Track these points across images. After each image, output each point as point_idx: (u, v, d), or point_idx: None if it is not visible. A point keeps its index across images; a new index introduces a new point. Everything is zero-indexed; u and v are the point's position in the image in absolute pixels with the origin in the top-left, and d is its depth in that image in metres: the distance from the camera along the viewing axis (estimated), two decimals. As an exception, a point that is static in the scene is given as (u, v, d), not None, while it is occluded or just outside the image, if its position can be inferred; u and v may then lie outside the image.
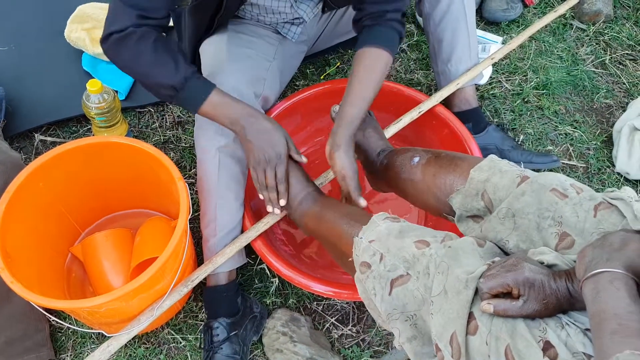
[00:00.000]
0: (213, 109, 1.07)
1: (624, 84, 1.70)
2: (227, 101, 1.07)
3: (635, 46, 1.77)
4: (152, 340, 1.27)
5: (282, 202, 1.11)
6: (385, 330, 1.27)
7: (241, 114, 1.07)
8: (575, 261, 0.70)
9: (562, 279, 0.69)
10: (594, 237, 0.74)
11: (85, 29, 1.63)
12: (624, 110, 1.61)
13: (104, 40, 1.05)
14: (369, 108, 1.12)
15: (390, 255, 0.82)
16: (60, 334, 1.28)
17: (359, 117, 1.08)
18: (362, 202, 1.07)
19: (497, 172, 0.88)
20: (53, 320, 1.23)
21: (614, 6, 1.85)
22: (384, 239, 0.85)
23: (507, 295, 0.71)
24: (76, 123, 1.59)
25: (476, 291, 0.72)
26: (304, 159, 1.10)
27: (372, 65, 1.10)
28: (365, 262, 0.85)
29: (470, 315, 0.71)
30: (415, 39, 1.78)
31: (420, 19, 1.65)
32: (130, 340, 1.21)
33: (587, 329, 0.66)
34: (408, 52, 1.75)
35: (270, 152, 1.07)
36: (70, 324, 1.25)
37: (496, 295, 0.71)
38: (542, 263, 0.73)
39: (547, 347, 0.65)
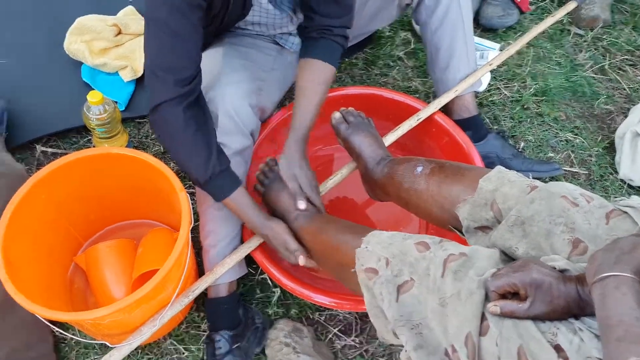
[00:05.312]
0: (230, 207, 1.15)
1: (624, 89, 1.70)
2: (241, 205, 1.13)
3: (634, 51, 1.78)
4: (154, 351, 1.27)
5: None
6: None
7: (249, 221, 1.15)
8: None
9: (572, 283, 0.69)
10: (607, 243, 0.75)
11: (84, 40, 1.63)
12: (626, 116, 1.61)
13: (151, 112, 1.07)
14: (317, 117, 1.19)
15: (395, 260, 0.82)
16: (63, 345, 1.28)
17: (307, 126, 1.17)
18: (300, 205, 1.14)
19: (506, 182, 0.88)
20: (57, 331, 1.23)
21: (612, 11, 1.86)
22: (387, 245, 0.85)
23: (515, 296, 0.71)
24: (76, 134, 1.59)
25: None
26: (301, 262, 1.12)
27: (319, 79, 1.18)
28: (371, 268, 0.85)
29: (483, 316, 0.71)
30: (412, 46, 1.79)
31: (417, 27, 1.65)
32: (133, 351, 1.21)
33: None
34: (405, 60, 1.76)
35: (282, 251, 1.15)
36: (73, 334, 1.25)
37: (504, 296, 0.71)
38: (554, 268, 0.73)
39: (557, 350, 0.65)
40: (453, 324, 0.72)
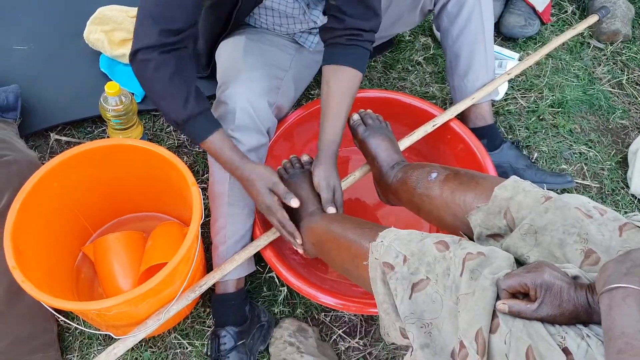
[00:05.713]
0: (210, 151, 1.13)
1: (641, 105, 1.69)
2: (222, 147, 1.11)
3: (653, 67, 1.76)
4: (158, 344, 1.27)
5: (298, 241, 1.14)
6: (393, 344, 1.26)
7: (230, 166, 1.12)
8: None
9: (583, 290, 0.69)
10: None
11: (104, 30, 1.64)
12: (640, 132, 1.60)
13: (131, 57, 1.06)
14: (345, 125, 1.19)
15: (413, 258, 0.82)
16: (67, 334, 1.28)
17: (339, 133, 1.17)
18: (330, 210, 1.13)
19: (520, 192, 0.88)
20: (61, 321, 1.23)
21: (633, 26, 1.84)
22: (406, 242, 0.85)
23: (526, 296, 0.71)
24: (91, 124, 1.60)
25: None
26: (294, 204, 1.11)
27: (347, 88, 1.17)
28: (387, 263, 0.85)
29: (494, 314, 0.71)
30: (431, 52, 1.78)
31: (437, 33, 1.65)
32: (137, 344, 1.21)
33: None
34: (424, 65, 1.75)
35: (261, 203, 1.13)
36: (78, 324, 1.26)
37: (514, 295, 0.71)
38: (566, 274, 0.73)
39: (565, 353, 0.65)
40: (464, 320, 0.72)
